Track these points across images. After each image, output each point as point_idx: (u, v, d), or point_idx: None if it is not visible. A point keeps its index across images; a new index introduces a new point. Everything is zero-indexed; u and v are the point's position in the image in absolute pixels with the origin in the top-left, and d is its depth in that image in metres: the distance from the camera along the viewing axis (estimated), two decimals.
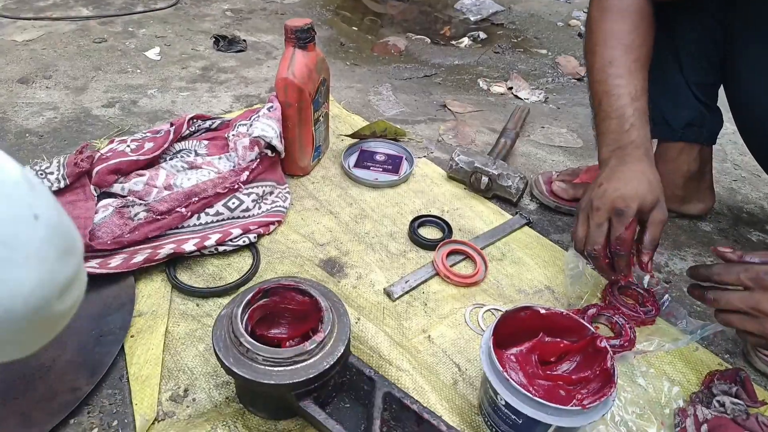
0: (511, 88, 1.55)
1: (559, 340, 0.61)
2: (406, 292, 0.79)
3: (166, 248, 0.75)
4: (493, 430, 0.59)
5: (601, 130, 0.75)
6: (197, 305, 0.74)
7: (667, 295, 0.79)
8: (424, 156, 1.14)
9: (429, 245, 0.88)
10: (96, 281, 0.71)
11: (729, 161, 1.26)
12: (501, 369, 0.53)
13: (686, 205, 0.98)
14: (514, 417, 0.54)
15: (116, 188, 0.82)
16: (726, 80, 0.86)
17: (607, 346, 0.56)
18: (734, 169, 1.23)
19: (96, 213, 0.76)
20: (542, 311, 0.60)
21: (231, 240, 0.81)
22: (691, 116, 0.89)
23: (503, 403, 0.53)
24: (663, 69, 0.86)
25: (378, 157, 1.09)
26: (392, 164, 1.08)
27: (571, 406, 0.51)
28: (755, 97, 0.79)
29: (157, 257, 0.74)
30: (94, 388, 0.61)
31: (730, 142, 1.33)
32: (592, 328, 0.59)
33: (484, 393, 0.59)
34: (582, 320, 0.60)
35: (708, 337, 0.75)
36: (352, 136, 1.14)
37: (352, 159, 1.09)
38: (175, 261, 0.79)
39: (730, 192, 1.13)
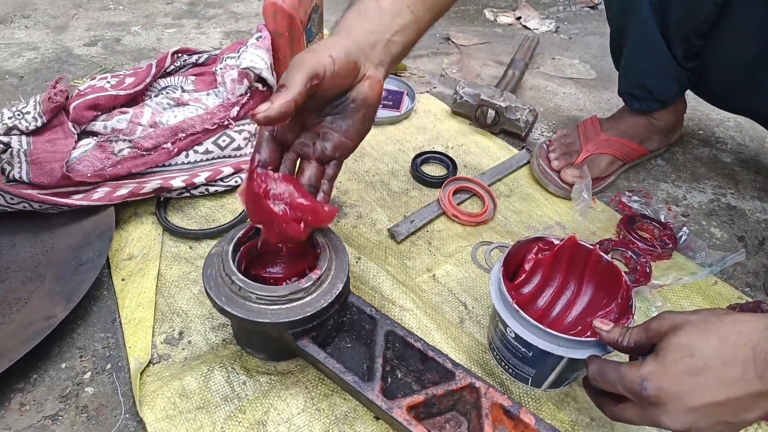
0: (519, 18, 1.45)
1: None
2: (412, 233, 0.75)
3: (152, 183, 0.71)
4: (503, 364, 0.57)
5: None
6: (190, 247, 0.70)
7: (684, 228, 0.75)
8: (427, 91, 1.08)
9: (433, 182, 0.83)
10: (76, 214, 0.69)
11: None
12: (511, 300, 0.49)
13: (672, 135, 0.93)
14: (524, 350, 0.51)
15: (98, 126, 0.76)
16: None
17: (625, 276, 0.52)
18: None
19: (75, 149, 0.71)
20: (555, 241, 0.56)
21: (222, 179, 0.76)
22: (680, 87, 0.83)
23: (513, 335, 0.51)
24: (651, 47, 0.78)
25: None
26: (393, 100, 1.01)
27: (585, 337, 0.48)
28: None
29: (142, 191, 0.70)
30: (85, 330, 0.59)
31: None
32: (607, 257, 0.55)
33: (494, 328, 0.56)
34: (597, 249, 0.55)
35: (727, 270, 0.72)
36: None
37: None
38: (166, 203, 0.75)
39: (752, 122, 1.06)
